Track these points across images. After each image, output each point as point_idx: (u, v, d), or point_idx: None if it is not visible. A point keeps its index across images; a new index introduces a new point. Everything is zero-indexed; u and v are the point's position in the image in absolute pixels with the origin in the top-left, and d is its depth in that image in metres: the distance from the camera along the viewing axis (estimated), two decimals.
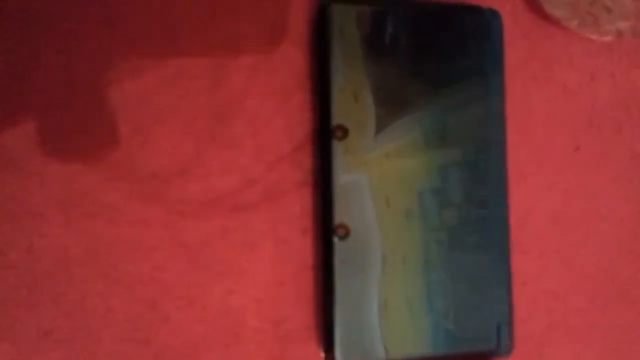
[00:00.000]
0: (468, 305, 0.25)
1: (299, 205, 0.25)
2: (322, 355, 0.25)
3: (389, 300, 0.24)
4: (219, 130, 0.24)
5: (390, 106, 0.25)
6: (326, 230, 0.24)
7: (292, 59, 0.25)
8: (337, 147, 0.24)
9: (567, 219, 0.29)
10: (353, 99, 0.24)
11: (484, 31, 0.26)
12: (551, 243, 0.28)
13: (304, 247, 0.25)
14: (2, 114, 0.23)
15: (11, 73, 0.23)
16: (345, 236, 0.24)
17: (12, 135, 0.23)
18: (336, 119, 0.24)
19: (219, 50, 0.24)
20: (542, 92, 0.29)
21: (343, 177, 0.24)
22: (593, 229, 0.29)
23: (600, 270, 0.29)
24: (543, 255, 0.28)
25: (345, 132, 0.24)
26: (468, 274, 0.25)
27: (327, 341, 0.24)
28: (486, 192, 0.26)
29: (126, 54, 0.24)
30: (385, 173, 0.24)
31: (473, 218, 0.25)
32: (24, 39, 0.23)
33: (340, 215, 0.24)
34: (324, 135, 0.24)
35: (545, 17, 0.28)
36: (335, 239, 0.24)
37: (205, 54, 0.24)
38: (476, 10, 0.26)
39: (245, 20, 0.25)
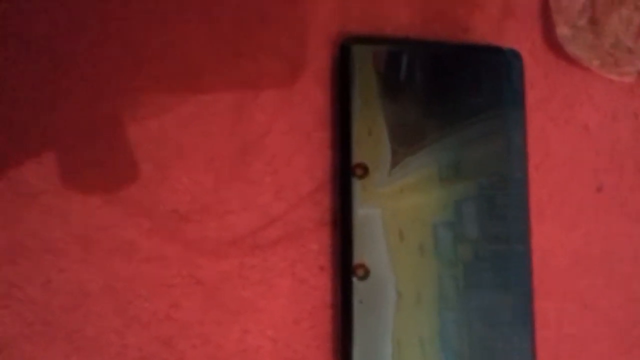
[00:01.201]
0: (486, 345, 0.24)
1: (317, 243, 0.25)
2: None
3: (402, 340, 0.24)
4: (239, 167, 0.24)
5: (407, 142, 0.24)
6: (345, 269, 0.24)
7: (312, 97, 0.25)
8: (357, 186, 0.24)
9: (589, 261, 0.28)
10: (372, 137, 0.24)
11: (504, 71, 0.26)
12: (572, 286, 0.28)
13: (321, 286, 0.25)
14: (24, 150, 0.23)
15: (35, 110, 0.23)
16: (364, 277, 0.23)
17: (34, 170, 0.23)
18: (356, 157, 0.24)
19: (240, 88, 0.25)
20: (562, 132, 0.28)
21: (360, 212, 0.24)
22: (616, 272, 0.28)
23: (623, 315, 0.28)
24: (564, 299, 0.28)
25: (365, 170, 0.24)
26: (486, 313, 0.25)
27: None
28: (505, 228, 0.25)
29: (149, 92, 0.24)
30: (399, 208, 0.24)
31: (489, 254, 0.25)
32: (48, 77, 0.23)
33: (359, 255, 0.23)
34: (344, 174, 0.24)
35: (565, 57, 0.28)
36: (355, 279, 0.23)
37: (227, 91, 0.25)
38: (497, 50, 0.26)
39: (267, 59, 0.25)
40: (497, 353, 0.25)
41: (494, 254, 0.25)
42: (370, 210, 0.24)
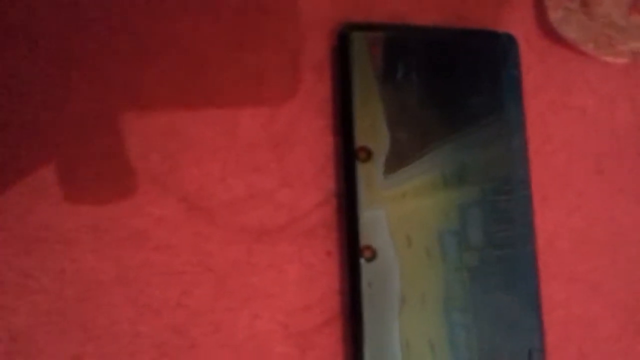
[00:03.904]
0: (494, 347, 0.25)
1: (324, 229, 0.25)
2: None
3: (410, 341, 0.24)
4: (245, 156, 0.25)
5: (410, 135, 0.25)
6: (352, 251, 0.24)
7: (314, 85, 0.26)
8: (361, 169, 0.24)
9: (593, 244, 0.28)
10: (374, 121, 0.25)
11: (500, 57, 0.27)
12: (578, 267, 0.28)
13: (329, 271, 0.25)
14: (35, 143, 0.23)
15: (44, 104, 0.24)
16: (372, 258, 0.24)
17: (45, 163, 0.23)
18: (359, 141, 0.24)
19: (244, 79, 0.25)
20: (560, 117, 0.29)
21: (366, 204, 0.24)
22: (620, 253, 0.29)
23: (630, 296, 0.28)
24: (570, 281, 0.28)
25: (368, 153, 0.24)
26: (493, 315, 0.25)
27: None
28: (510, 232, 0.25)
29: (155, 85, 0.25)
30: (404, 212, 0.24)
31: (495, 259, 0.25)
32: (56, 72, 0.24)
33: (366, 238, 0.24)
34: (348, 158, 0.25)
35: (560, 42, 0.28)
36: (362, 261, 0.24)
37: (230, 83, 0.25)
38: (493, 35, 0.27)
39: (269, 50, 0.26)
40: (508, 340, 0.25)
41: (499, 258, 0.25)
42: (376, 211, 0.24)
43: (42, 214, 0.23)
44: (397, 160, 0.25)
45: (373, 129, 0.25)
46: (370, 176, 0.24)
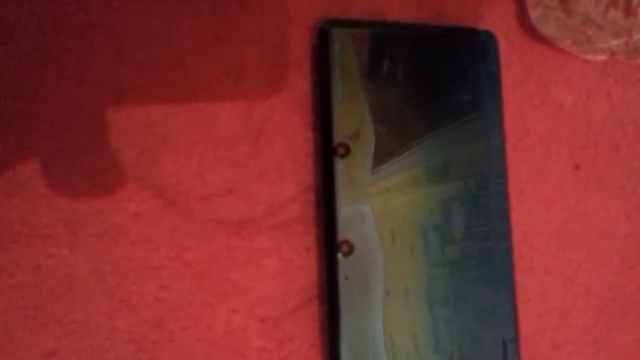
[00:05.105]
0: (473, 332, 0.25)
1: (302, 225, 0.25)
2: None
3: (394, 335, 0.24)
4: (223, 151, 0.25)
5: (390, 131, 0.25)
6: (329, 246, 0.24)
7: (294, 81, 0.26)
8: (340, 165, 0.24)
9: (569, 237, 0.29)
10: (353, 117, 0.25)
11: (480, 53, 0.27)
12: (554, 260, 0.29)
13: (308, 267, 0.25)
14: (11, 138, 0.23)
15: (20, 98, 0.23)
16: (349, 253, 0.24)
17: (21, 158, 0.23)
18: (338, 137, 0.24)
19: (223, 73, 0.25)
20: (538, 112, 0.29)
21: (347, 200, 0.24)
22: (595, 246, 0.29)
23: (604, 287, 0.29)
24: (547, 273, 0.28)
25: (347, 149, 0.24)
26: (473, 306, 0.25)
27: None
28: (489, 227, 0.26)
29: (133, 79, 0.24)
30: (388, 207, 0.25)
31: (475, 253, 0.25)
32: (33, 67, 0.24)
33: (344, 232, 0.24)
34: (326, 154, 0.25)
35: (539, 38, 0.29)
36: (339, 255, 0.24)
37: (209, 77, 0.25)
38: (473, 32, 0.27)
39: (248, 45, 0.26)
40: (485, 344, 0.25)
41: (479, 252, 0.26)
42: (360, 206, 0.24)
43: (17, 209, 0.23)
44: (382, 156, 0.25)
45: (354, 125, 0.25)
46: (350, 171, 0.24)
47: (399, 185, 0.25)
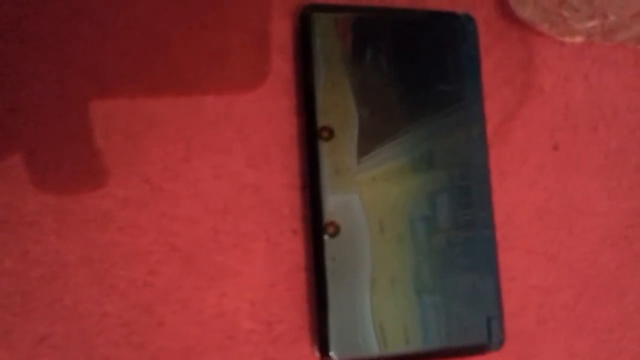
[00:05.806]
0: (458, 314, 0.26)
1: (289, 208, 0.26)
2: (317, 355, 0.25)
3: (382, 319, 0.25)
4: (209, 136, 0.25)
5: (374, 115, 0.25)
6: (315, 227, 0.25)
7: (277, 66, 0.26)
8: (324, 148, 0.24)
9: (550, 216, 0.29)
10: (336, 101, 0.25)
11: (460, 37, 0.27)
12: (536, 239, 0.29)
13: (295, 249, 0.26)
14: None
15: (4, 85, 0.23)
16: (335, 234, 0.24)
17: (6, 144, 0.23)
18: (321, 121, 0.25)
19: (207, 59, 0.25)
20: (518, 94, 0.30)
21: (332, 189, 0.24)
22: (576, 225, 0.30)
23: (585, 265, 0.30)
24: (530, 252, 0.29)
25: (330, 132, 0.25)
26: (459, 290, 0.26)
27: (322, 341, 0.24)
28: (473, 215, 0.26)
29: (118, 65, 0.24)
30: (375, 196, 0.25)
31: (460, 241, 0.26)
32: (17, 55, 0.24)
33: (330, 214, 0.24)
34: (310, 137, 0.25)
35: (517, 21, 0.29)
36: (326, 237, 0.24)
37: (194, 63, 0.25)
38: (452, 16, 0.27)
39: (232, 30, 0.26)
40: (469, 306, 0.26)
41: (464, 240, 0.26)
42: (348, 196, 0.25)
43: (5, 196, 0.23)
44: (367, 143, 0.25)
45: (337, 108, 0.25)
46: (335, 157, 0.25)
47: (385, 175, 0.25)
